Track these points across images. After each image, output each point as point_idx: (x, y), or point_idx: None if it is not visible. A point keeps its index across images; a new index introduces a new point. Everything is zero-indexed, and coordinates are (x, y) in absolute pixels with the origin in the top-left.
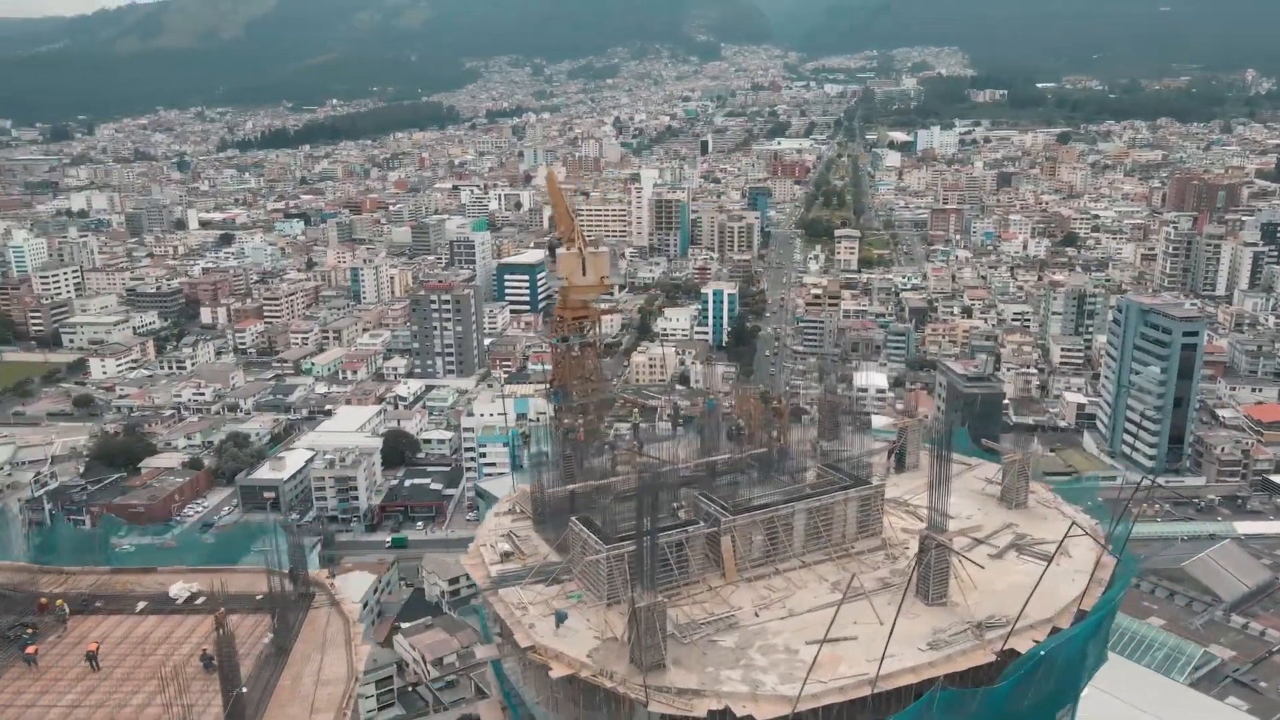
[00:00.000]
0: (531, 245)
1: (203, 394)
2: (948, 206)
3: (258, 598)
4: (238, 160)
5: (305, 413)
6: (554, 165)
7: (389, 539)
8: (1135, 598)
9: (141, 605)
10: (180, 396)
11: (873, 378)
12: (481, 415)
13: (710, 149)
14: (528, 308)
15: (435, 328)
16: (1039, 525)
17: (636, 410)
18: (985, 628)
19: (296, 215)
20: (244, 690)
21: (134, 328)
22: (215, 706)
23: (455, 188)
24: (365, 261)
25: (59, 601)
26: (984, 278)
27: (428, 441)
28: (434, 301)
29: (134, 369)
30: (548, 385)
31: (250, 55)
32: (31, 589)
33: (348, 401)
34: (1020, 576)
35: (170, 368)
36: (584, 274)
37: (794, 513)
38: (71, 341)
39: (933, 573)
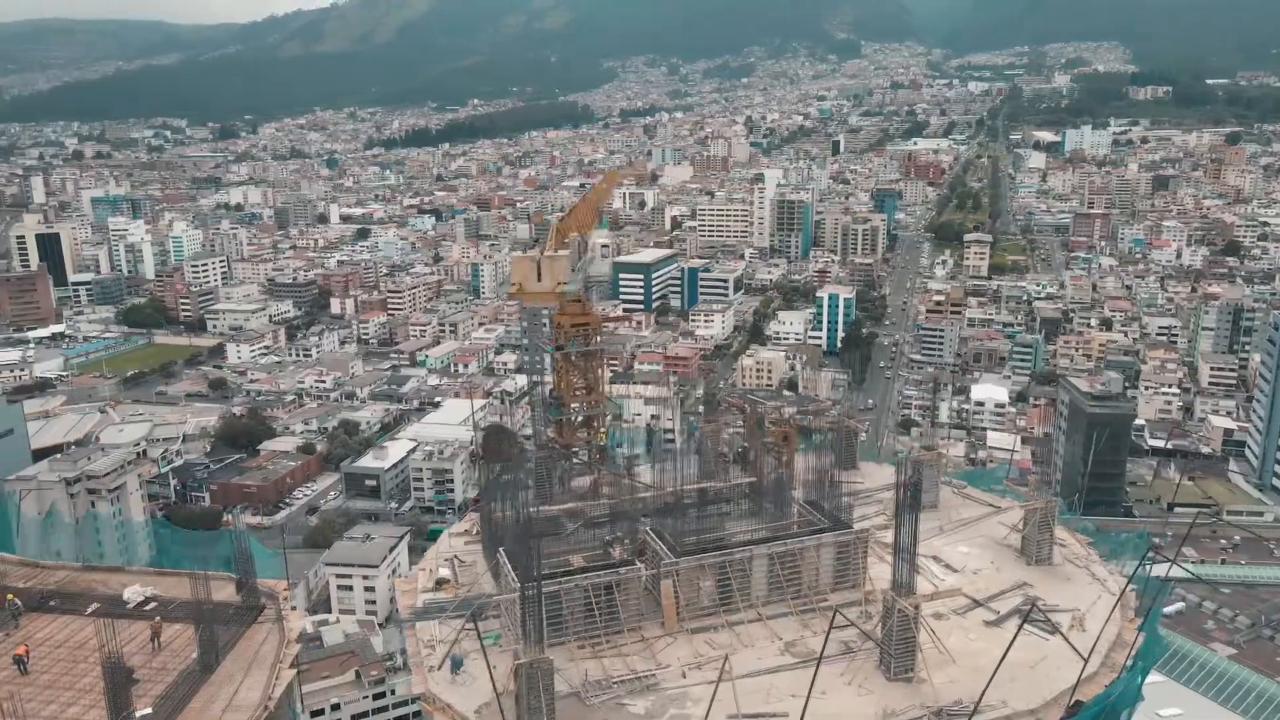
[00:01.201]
0: (651, 244)
1: (324, 381)
2: (1094, 211)
3: (207, 608)
4: (382, 158)
5: (416, 404)
6: (681, 164)
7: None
8: (1269, 652)
9: (93, 607)
10: (303, 383)
11: (993, 391)
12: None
13: (842, 149)
14: (641, 306)
15: (544, 324)
16: (1060, 587)
17: (608, 424)
18: (947, 715)
19: (429, 211)
20: (143, 712)
21: (270, 315)
22: None
23: (582, 186)
24: (485, 257)
25: (10, 596)
26: (1129, 288)
27: (527, 437)
28: None
29: (266, 355)
30: (550, 395)
31: (401, 58)
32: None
33: (456, 394)
34: (1015, 651)
35: (298, 355)
36: (539, 279)
37: (752, 557)
38: (214, 327)
39: (894, 641)
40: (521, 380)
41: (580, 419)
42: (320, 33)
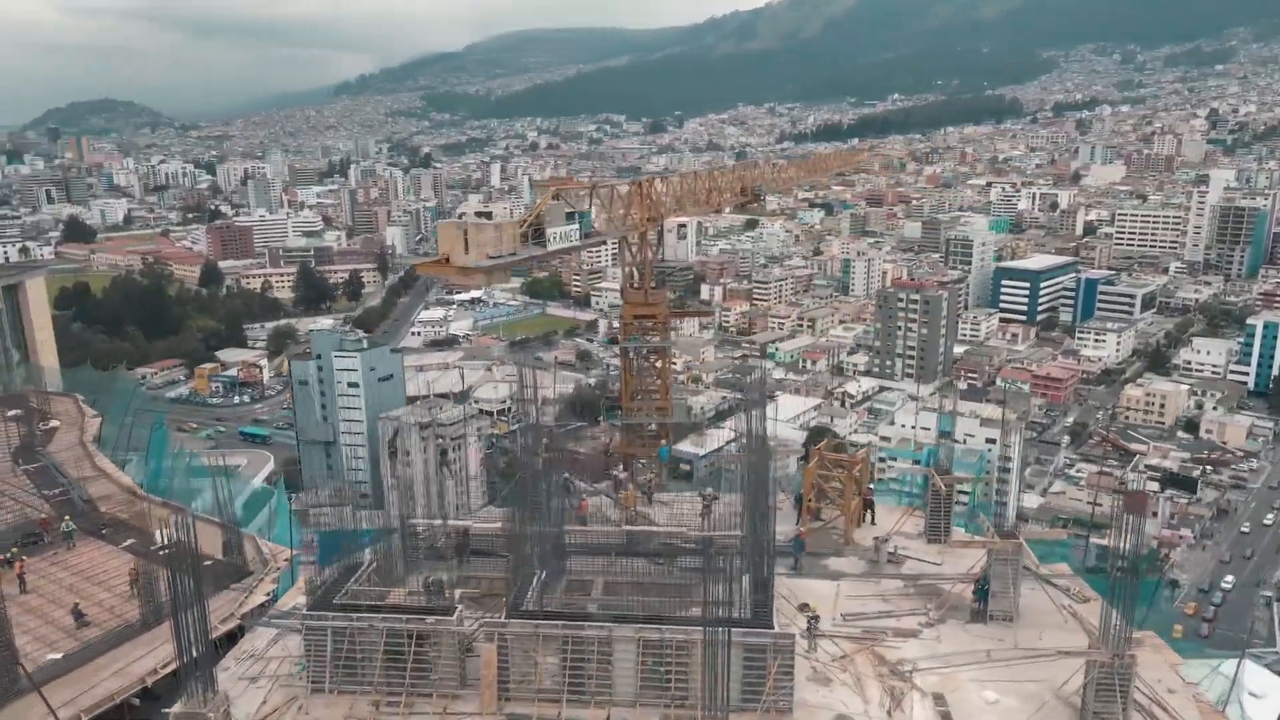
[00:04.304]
0: (1053, 250)
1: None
2: None
3: (207, 563)
4: (789, 152)
5: (755, 396)
6: (1113, 163)
7: None
8: None
9: (128, 541)
10: None
11: None
12: (902, 425)
13: None
14: (1023, 317)
15: (899, 327)
16: None
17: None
18: None
19: (820, 205)
20: (51, 657)
21: None
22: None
23: (989, 185)
24: (858, 254)
25: (67, 518)
26: None
27: (853, 445)
28: (901, 300)
29: None
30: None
31: (825, 53)
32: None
33: (796, 391)
34: None
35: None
36: (465, 250)
37: (611, 638)
38: (596, 303)
39: None
40: (867, 384)
41: (637, 425)
42: (753, 31)
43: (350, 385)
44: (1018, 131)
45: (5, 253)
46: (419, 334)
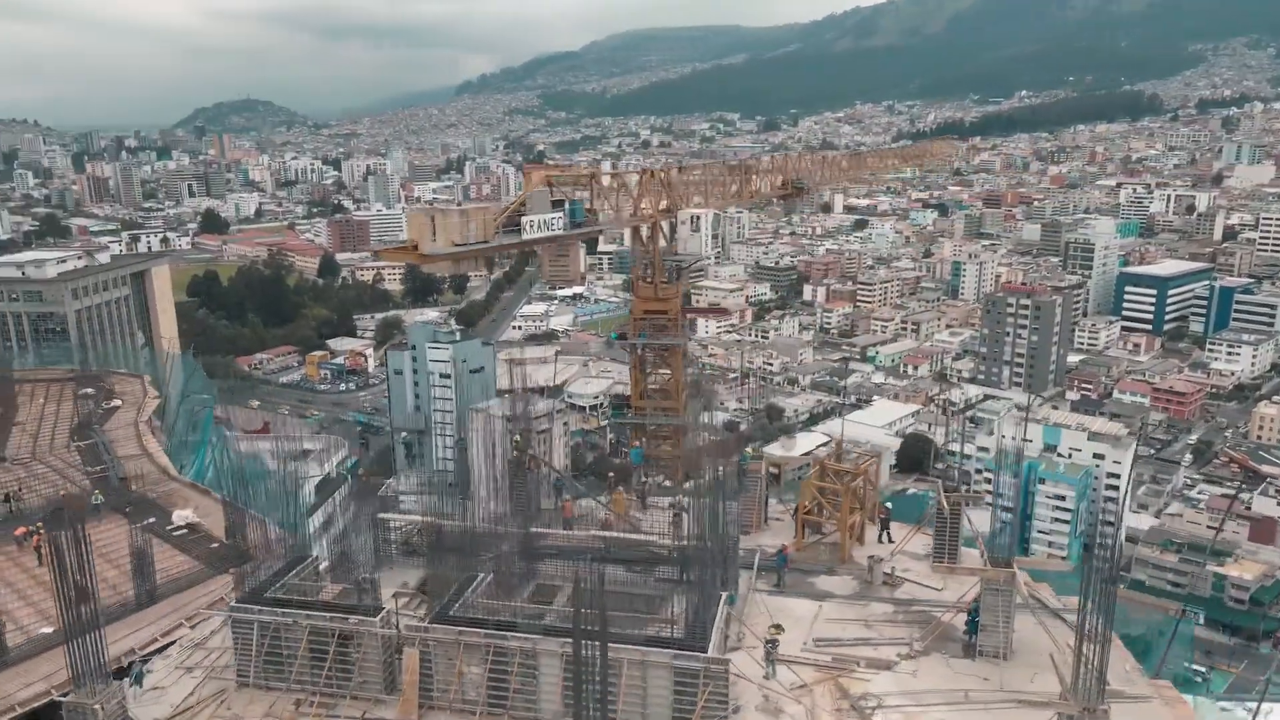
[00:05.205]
0: (1186, 255)
1: (770, 364)
2: None
3: (213, 546)
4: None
5: (854, 399)
6: (1261, 164)
7: None
8: None
9: (148, 520)
10: (752, 363)
11: None
12: (1002, 436)
13: None
14: (1149, 327)
15: (1008, 333)
16: None
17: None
18: None
19: (935, 205)
20: (42, 630)
21: (747, 296)
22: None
23: (1118, 186)
24: (970, 256)
25: (96, 493)
26: None
27: (951, 453)
28: (1011, 304)
29: (730, 332)
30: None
31: (950, 49)
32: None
33: (895, 396)
34: None
35: (756, 336)
36: (433, 237)
37: (535, 652)
38: (695, 302)
39: None
40: (973, 390)
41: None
42: (873, 28)
43: (442, 376)
44: (1155, 130)
45: (149, 242)
46: (520, 328)
